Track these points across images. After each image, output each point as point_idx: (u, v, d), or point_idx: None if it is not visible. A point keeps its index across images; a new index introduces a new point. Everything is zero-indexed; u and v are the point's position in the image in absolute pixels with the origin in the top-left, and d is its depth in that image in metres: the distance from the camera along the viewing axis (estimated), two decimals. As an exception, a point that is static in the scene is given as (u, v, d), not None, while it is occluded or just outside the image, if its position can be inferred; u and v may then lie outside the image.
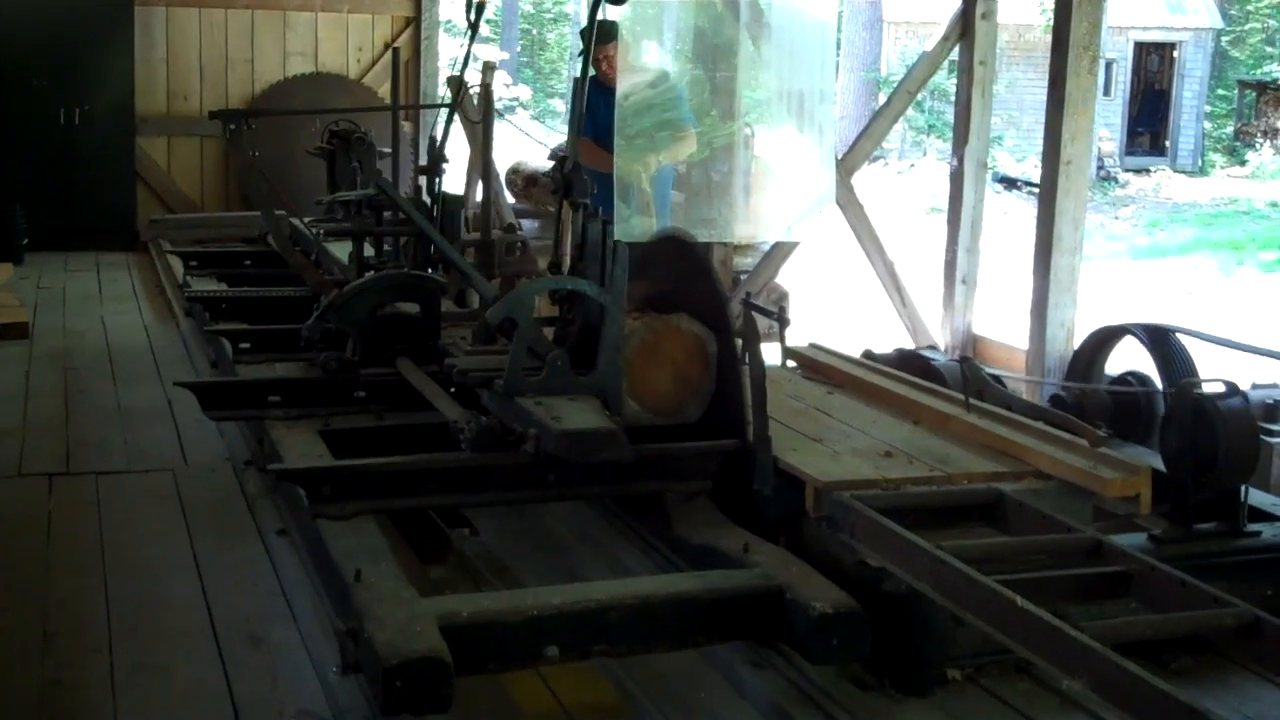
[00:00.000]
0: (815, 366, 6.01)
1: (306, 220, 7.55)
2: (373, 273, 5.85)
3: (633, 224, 7.33)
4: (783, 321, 4.72)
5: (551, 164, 4.74)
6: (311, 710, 3.70)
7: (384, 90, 12.59)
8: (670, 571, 4.26)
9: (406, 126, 12.60)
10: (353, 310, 5.32)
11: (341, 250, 7.05)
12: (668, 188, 8.06)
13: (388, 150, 9.30)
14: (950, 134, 8.90)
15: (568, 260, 5.03)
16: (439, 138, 6.71)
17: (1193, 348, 6.10)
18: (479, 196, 11.96)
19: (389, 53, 12.50)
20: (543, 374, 4.28)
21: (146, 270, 10.71)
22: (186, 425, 6.29)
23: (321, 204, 7.33)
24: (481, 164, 6.12)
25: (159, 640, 4.13)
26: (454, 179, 13.27)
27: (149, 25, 12.08)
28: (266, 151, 11.30)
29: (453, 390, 4.88)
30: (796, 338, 6.38)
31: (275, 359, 6.06)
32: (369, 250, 6.61)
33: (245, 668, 3.96)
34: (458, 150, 14.13)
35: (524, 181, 11.45)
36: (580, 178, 4.66)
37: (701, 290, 4.64)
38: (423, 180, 6.83)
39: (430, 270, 5.83)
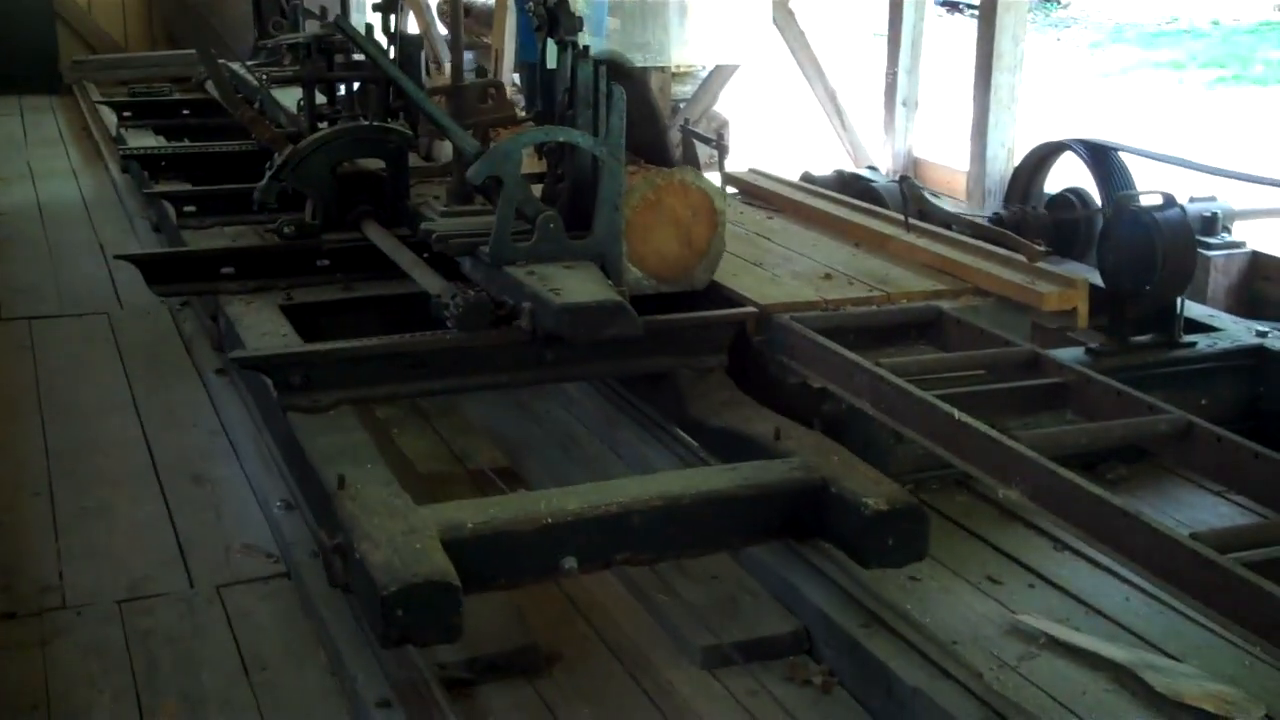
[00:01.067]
0: (755, 192, 5.96)
1: (249, 64, 6.94)
2: (327, 125, 5.29)
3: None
4: (722, 149, 4.63)
5: None
6: (256, 544, 3.71)
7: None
8: (690, 461, 3.92)
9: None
10: (310, 169, 4.75)
11: (287, 98, 6.30)
12: (602, 12, 7.89)
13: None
14: (891, -47, 8.71)
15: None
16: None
17: (1133, 163, 6.11)
18: (408, 29, 11.70)
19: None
20: (533, 238, 3.82)
21: (72, 113, 10.45)
22: (119, 268, 6.18)
23: (265, 48, 6.84)
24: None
25: (100, 481, 4.12)
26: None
27: None
28: (188, -15, 11.01)
29: (426, 256, 4.37)
30: (736, 164, 6.32)
31: (224, 223, 5.48)
32: (320, 99, 5.83)
33: (188, 505, 3.96)
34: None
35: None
36: (568, 11, 4.16)
37: (640, 117, 4.56)
38: (374, 18, 6.29)
39: (391, 121, 5.20)
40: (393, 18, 5.39)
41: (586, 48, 4.09)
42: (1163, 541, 2.78)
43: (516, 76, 8.14)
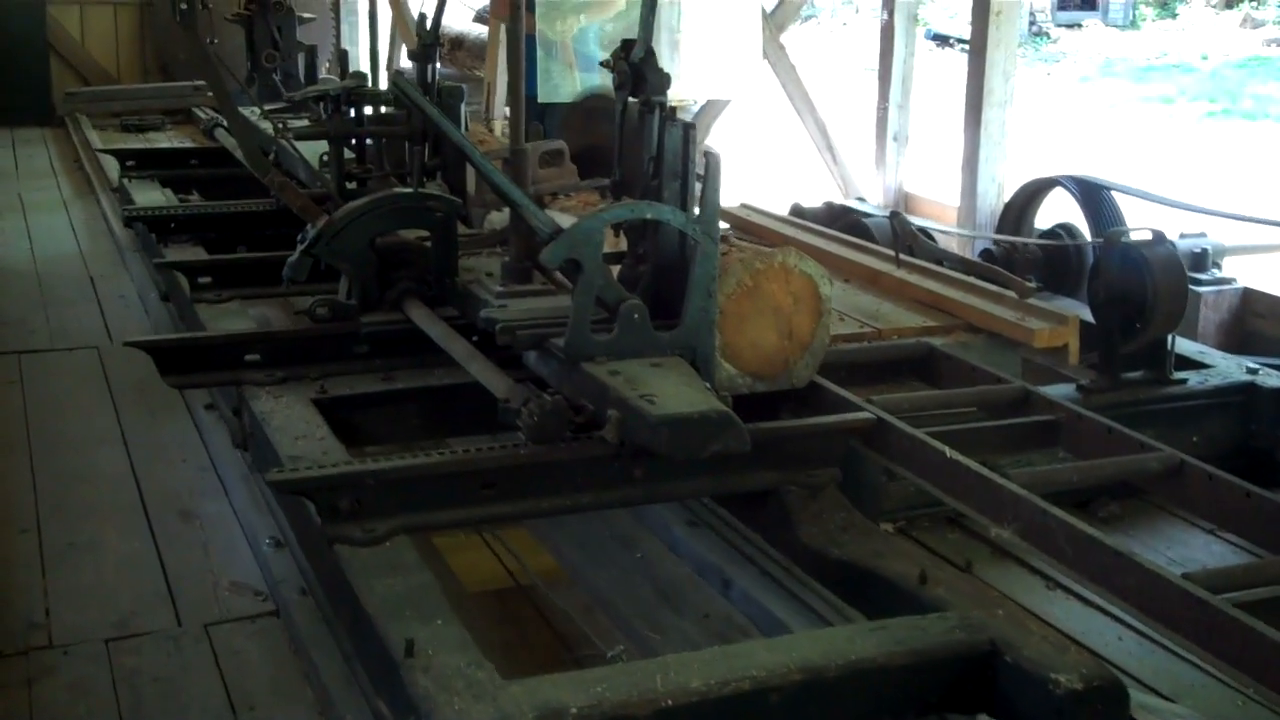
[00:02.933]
0: (746, 227, 5.98)
1: (266, 111, 6.38)
2: (356, 185, 4.82)
3: (558, 84, 7.22)
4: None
5: (611, 54, 3.63)
6: (244, 582, 3.68)
7: (303, -47, 12.25)
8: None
9: (326, -9, 12.30)
10: (347, 241, 4.15)
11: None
12: (593, 46, 7.92)
13: (308, 15, 9.07)
14: (882, -11, 8.77)
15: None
16: (430, 14, 5.13)
17: (1124, 199, 6.13)
18: (402, 63, 11.74)
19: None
20: (614, 331, 3.25)
21: (64, 145, 10.44)
22: (109, 301, 6.19)
23: (293, 100, 6.33)
24: (509, 41, 4.17)
25: (88, 517, 4.09)
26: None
27: (54, -112, 11.68)
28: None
29: (476, 339, 3.85)
30: (727, 198, 6.34)
31: (243, 296, 4.93)
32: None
33: (177, 542, 3.94)
34: (383, 15, 13.85)
35: (449, 44, 11.22)
36: (656, 68, 3.54)
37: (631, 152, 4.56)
38: (405, 63, 5.86)
39: (428, 182, 4.66)
40: (430, 67, 4.90)
41: (673, 109, 3.57)
42: (1155, 581, 2.78)
43: (509, 110, 8.17)
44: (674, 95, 8.55)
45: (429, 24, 4.94)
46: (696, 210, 3.32)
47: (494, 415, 3.40)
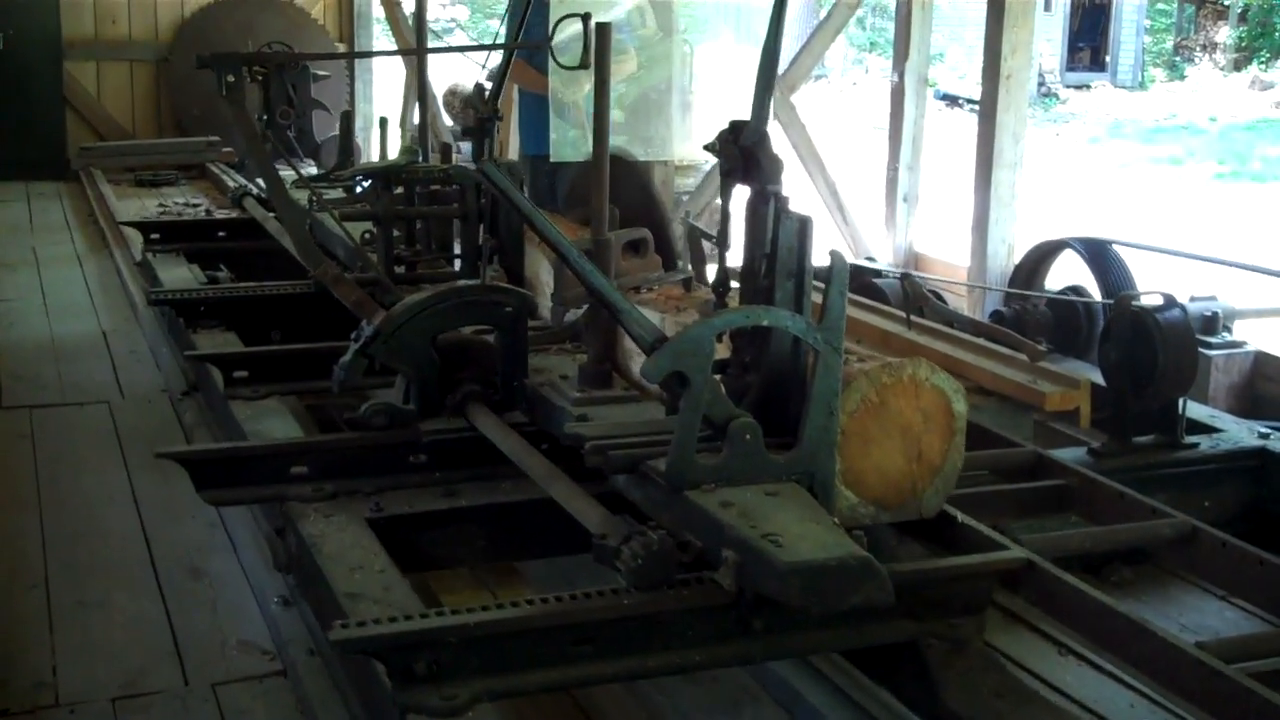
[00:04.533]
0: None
1: (307, 178, 5.96)
2: (405, 269, 4.46)
3: (570, 143, 7.25)
4: (724, 244, 4.44)
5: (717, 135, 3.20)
6: (252, 641, 3.67)
7: (317, 10, 12.39)
8: None
9: (341, 48, 12.43)
10: (406, 340, 3.73)
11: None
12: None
13: (323, 73, 9.17)
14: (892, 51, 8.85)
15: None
16: (487, 84, 4.63)
17: (1133, 261, 6.15)
18: (414, 121, 11.82)
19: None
20: (723, 453, 2.83)
21: (79, 200, 10.51)
22: (121, 356, 6.20)
23: (339, 177, 6.11)
24: (596, 120, 3.71)
25: (97, 574, 4.08)
26: (389, 101, 13.14)
27: (72, -53, 11.82)
28: (192, 76, 11.13)
29: (546, 447, 3.50)
30: (736, 257, 6.35)
31: (283, 392, 4.48)
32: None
33: (185, 600, 3.93)
34: (393, 70, 13.96)
35: (461, 103, 11.32)
36: (770, 153, 3.11)
37: (642, 211, 4.58)
38: (443, 133, 5.50)
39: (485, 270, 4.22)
40: (487, 142, 4.40)
41: (785, 197, 3.12)
42: (1168, 650, 2.77)
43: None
44: (686, 155, 8.66)
45: (486, 96, 4.50)
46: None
47: (571, 535, 3.06)
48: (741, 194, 3.12)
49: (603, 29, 3.60)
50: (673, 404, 2.92)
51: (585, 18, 3.95)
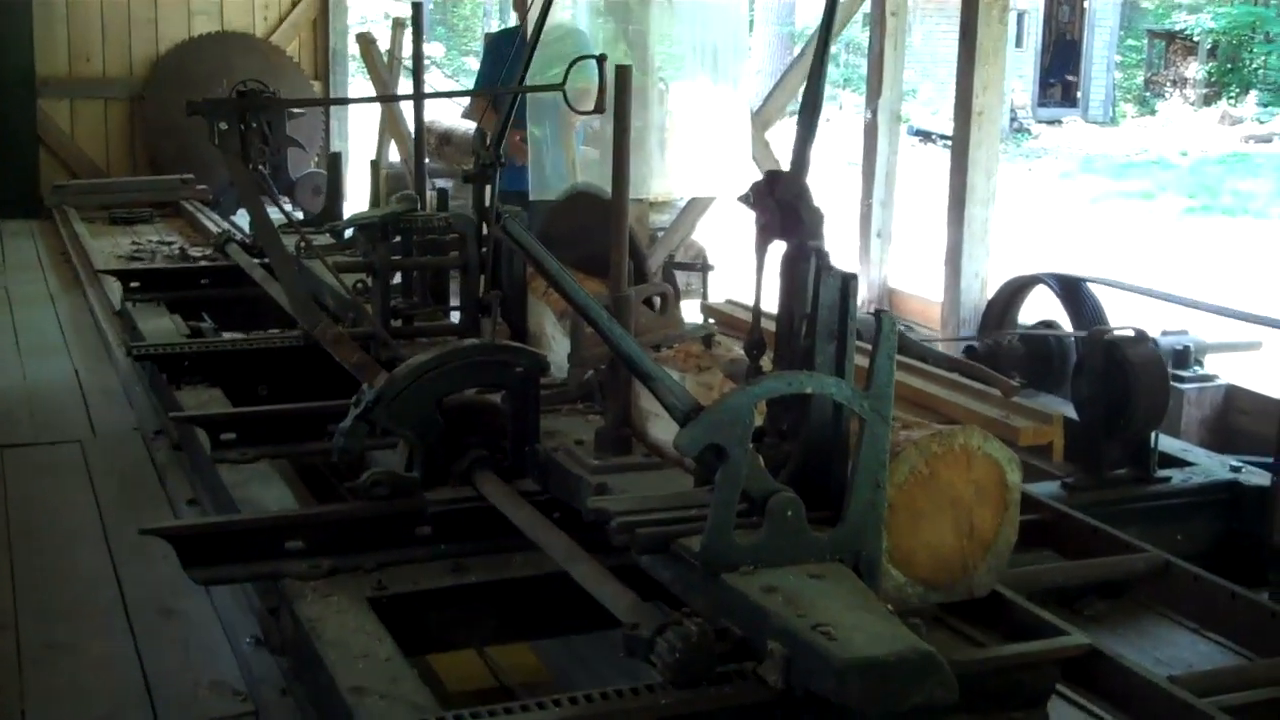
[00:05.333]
0: (730, 322, 6.01)
1: (296, 222, 5.78)
2: (403, 323, 4.27)
3: (548, 181, 7.28)
4: (706, 269, 4.30)
5: (746, 192, 3.02)
6: (225, 681, 3.64)
7: (292, 48, 12.41)
8: None
9: (316, 86, 12.45)
10: (412, 403, 3.47)
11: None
12: (578, 144, 8.01)
13: (298, 111, 9.17)
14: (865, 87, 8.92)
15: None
16: (490, 131, 4.27)
17: (1105, 297, 6.18)
18: (391, 158, 11.84)
19: (294, 9, 12.35)
20: (762, 531, 2.58)
21: (52, 238, 10.46)
22: (94, 395, 6.16)
23: (333, 229, 5.86)
24: (615, 157, 3.40)
25: (68, 616, 4.04)
26: (364, 139, 13.14)
27: (47, -16, 11.83)
28: (167, 113, 11.12)
29: (557, 515, 3.29)
30: (713, 294, 6.38)
31: (274, 454, 4.20)
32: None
33: (157, 640, 3.89)
34: (367, 108, 13.97)
35: (437, 140, 11.34)
36: (811, 206, 2.91)
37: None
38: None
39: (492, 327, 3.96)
40: (489, 190, 4.14)
41: (826, 253, 2.90)
42: (1141, 684, 2.77)
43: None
44: (660, 192, 8.69)
45: (488, 142, 4.22)
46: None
47: (586, 612, 2.89)
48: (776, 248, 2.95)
49: (623, 72, 3.38)
50: (705, 476, 2.74)
51: (600, 59, 3.73)
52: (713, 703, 2.48)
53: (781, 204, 2.91)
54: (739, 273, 11.60)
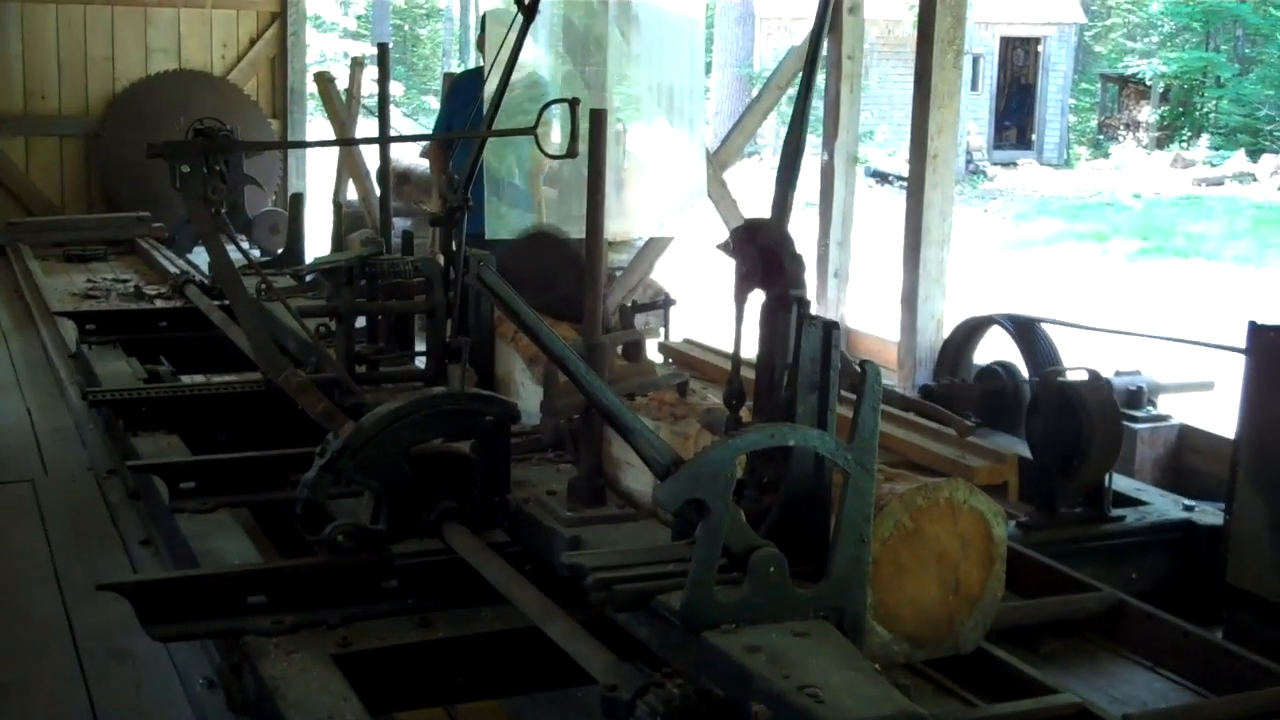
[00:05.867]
0: (689, 363, 6.02)
1: (257, 263, 5.79)
2: (367, 368, 4.22)
3: (503, 220, 7.28)
4: (668, 304, 4.09)
5: (727, 239, 2.99)
6: (177, 724, 3.60)
7: (249, 86, 12.39)
8: None
9: (274, 124, 12.43)
10: (379, 453, 3.39)
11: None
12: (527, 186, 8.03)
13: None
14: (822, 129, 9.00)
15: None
16: (458, 173, 4.37)
17: (1059, 337, 6.24)
18: (348, 197, 11.82)
19: (253, 48, 12.34)
20: (744, 587, 2.53)
21: (5, 275, 10.37)
22: (45, 433, 6.10)
23: (295, 274, 5.74)
24: (590, 200, 3.53)
25: (17, 656, 3.99)
26: (321, 181, 13.11)
27: (2, 21, 11.75)
28: (124, 150, 11.08)
29: (529, 567, 3.24)
30: (672, 333, 6.40)
31: (234, 503, 4.15)
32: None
33: (108, 682, 3.85)
34: (326, 153, 13.95)
35: (396, 179, 11.33)
36: (793, 254, 2.87)
37: (576, 289, 4.55)
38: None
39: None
40: (455, 233, 4.20)
41: (808, 302, 2.89)
42: (1096, 723, 2.78)
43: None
44: (618, 231, 8.71)
45: (457, 185, 4.26)
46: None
47: (558, 669, 2.84)
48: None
49: (599, 116, 3.36)
50: (682, 529, 2.72)
51: (573, 103, 3.73)
52: (689, 767, 2.39)
53: (763, 252, 2.86)
54: (696, 312, 11.65)
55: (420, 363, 4.59)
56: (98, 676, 3.88)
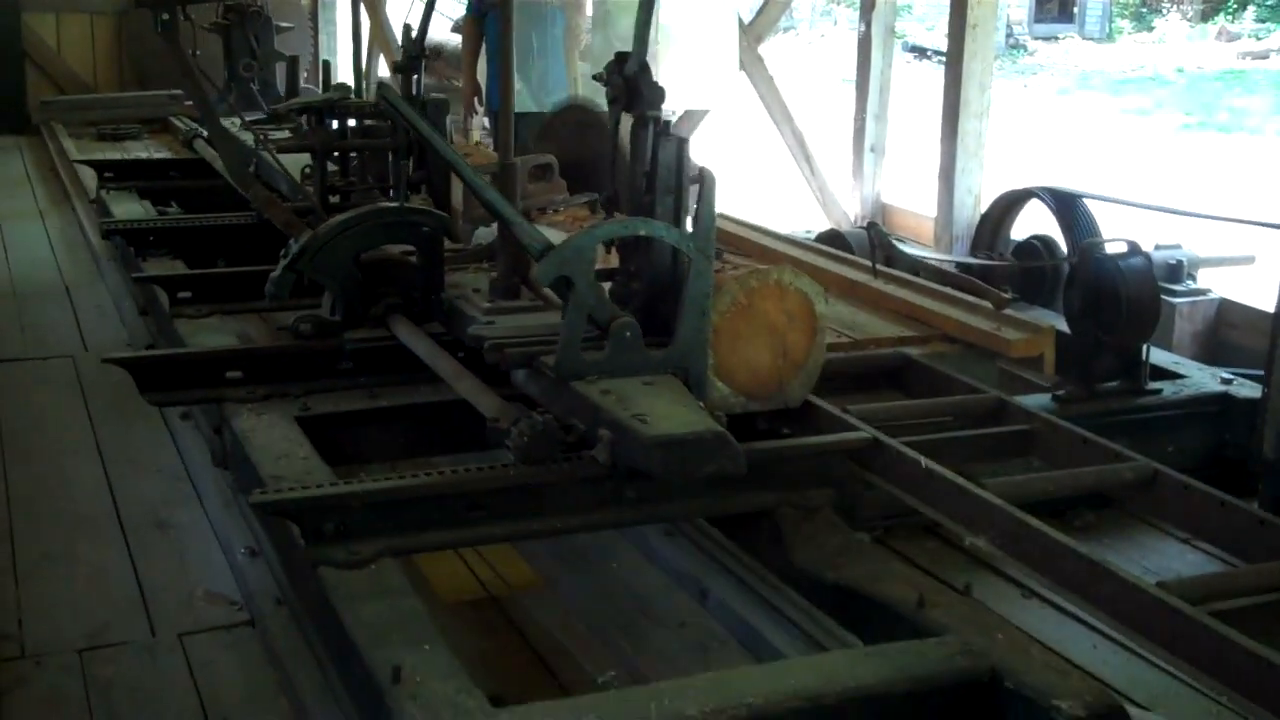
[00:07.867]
0: (722, 238, 5.98)
1: (247, 122, 6.35)
2: (339, 198, 4.71)
3: (545, 94, 7.21)
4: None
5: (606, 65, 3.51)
6: (219, 592, 3.67)
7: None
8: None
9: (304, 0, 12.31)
10: (331, 257, 4.05)
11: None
12: (560, 69, 7.95)
13: (286, 25, 9.07)
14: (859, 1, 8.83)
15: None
16: (417, 26, 5.01)
17: (1099, 211, 6.16)
18: (380, 73, 11.72)
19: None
20: (606, 349, 3.18)
21: (39, 153, 10.40)
22: (85, 310, 6.17)
23: (275, 112, 6.27)
24: (500, 56, 4.13)
25: (62, 527, 4.07)
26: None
27: (30, -103, 11.65)
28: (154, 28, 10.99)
29: (462, 355, 3.82)
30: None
31: (223, 311, 4.82)
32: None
33: (151, 551, 3.92)
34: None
35: (429, 54, 11.21)
36: (651, 82, 3.42)
37: (608, 159, 4.55)
38: (384, 73, 5.92)
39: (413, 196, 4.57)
40: (415, 79, 4.82)
41: (668, 123, 3.46)
42: (1130, 591, 2.78)
43: (487, 121, 8.15)
44: (652, 105, 8.62)
45: (414, 35, 4.87)
46: (690, 226, 3.27)
47: (482, 434, 3.35)
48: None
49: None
50: (564, 307, 3.22)
51: None
52: (552, 476, 3.12)
53: (627, 80, 3.41)
54: (734, 186, 11.57)
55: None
56: (141, 547, 3.95)
